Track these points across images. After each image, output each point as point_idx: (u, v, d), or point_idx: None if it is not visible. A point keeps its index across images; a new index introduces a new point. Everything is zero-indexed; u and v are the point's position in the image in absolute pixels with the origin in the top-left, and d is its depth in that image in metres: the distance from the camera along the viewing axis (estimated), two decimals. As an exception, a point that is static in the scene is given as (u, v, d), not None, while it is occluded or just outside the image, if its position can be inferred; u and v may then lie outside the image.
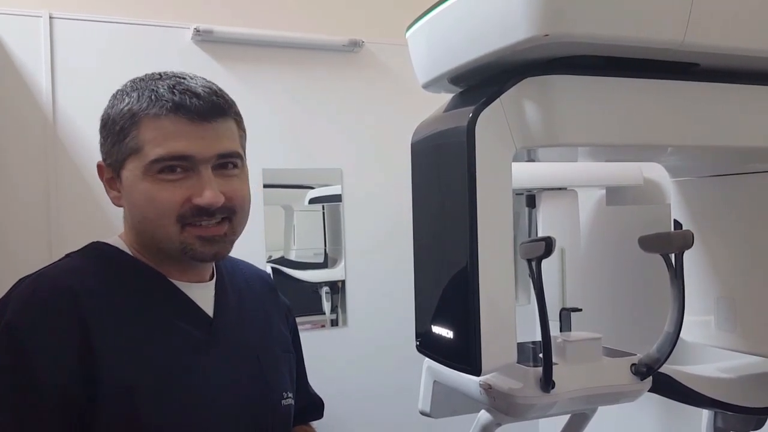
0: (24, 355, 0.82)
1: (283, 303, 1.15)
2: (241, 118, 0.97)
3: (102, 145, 0.94)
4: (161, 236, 0.91)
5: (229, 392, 0.93)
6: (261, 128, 1.87)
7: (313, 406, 1.18)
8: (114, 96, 0.93)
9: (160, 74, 0.93)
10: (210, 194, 0.89)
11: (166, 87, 0.89)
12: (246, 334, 1.01)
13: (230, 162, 0.93)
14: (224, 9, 1.95)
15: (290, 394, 1.03)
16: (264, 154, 1.86)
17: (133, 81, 0.93)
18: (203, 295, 0.98)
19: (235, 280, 1.06)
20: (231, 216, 0.93)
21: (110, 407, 0.83)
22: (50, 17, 1.70)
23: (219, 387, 0.92)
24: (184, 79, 0.92)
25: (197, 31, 1.80)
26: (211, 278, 1.00)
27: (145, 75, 0.94)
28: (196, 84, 0.91)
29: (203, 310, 0.96)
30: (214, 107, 0.90)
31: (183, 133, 0.88)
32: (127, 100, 0.90)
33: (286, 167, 1.94)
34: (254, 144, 1.04)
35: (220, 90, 0.94)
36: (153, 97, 0.89)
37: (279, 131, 1.93)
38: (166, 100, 0.88)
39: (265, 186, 1.89)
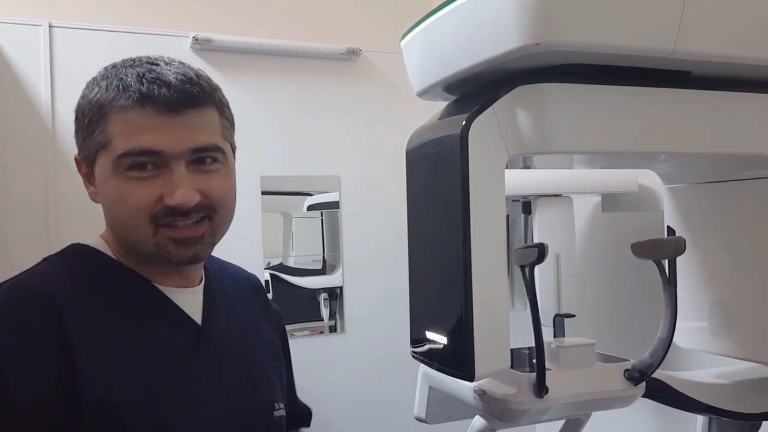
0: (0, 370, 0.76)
1: (273, 308, 1.09)
2: (224, 105, 0.89)
3: (75, 137, 0.87)
4: (135, 238, 0.84)
5: (219, 405, 0.87)
6: (259, 136, 1.88)
7: (301, 416, 1.12)
8: (87, 84, 0.87)
9: (133, 60, 0.85)
10: (181, 193, 0.81)
11: (135, 75, 0.82)
12: (235, 342, 0.94)
13: (208, 156, 0.85)
14: (223, 18, 1.96)
15: (282, 405, 0.97)
16: (262, 161, 1.87)
17: (106, 68, 0.86)
18: (190, 300, 0.91)
19: (224, 283, 0.99)
20: (211, 215, 0.85)
21: (94, 426, 0.77)
22: (50, 26, 1.72)
23: (207, 400, 0.86)
24: (157, 65, 0.84)
25: (196, 39, 1.82)
26: (200, 282, 0.94)
27: (123, 60, 0.87)
28: (169, 71, 0.83)
29: (190, 317, 0.90)
30: (186, 97, 0.82)
31: (151, 127, 0.81)
32: (96, 90, 0.84)
33: (284, 174, 1.95)
34: (252, 151, 1.04)
35: (198, 76, 0.85)
36: (120, 87, 0.81)
37: (277, 139, 1.94)
38: (132, 91, 0.81)
39: (264, 193, 1.89)
